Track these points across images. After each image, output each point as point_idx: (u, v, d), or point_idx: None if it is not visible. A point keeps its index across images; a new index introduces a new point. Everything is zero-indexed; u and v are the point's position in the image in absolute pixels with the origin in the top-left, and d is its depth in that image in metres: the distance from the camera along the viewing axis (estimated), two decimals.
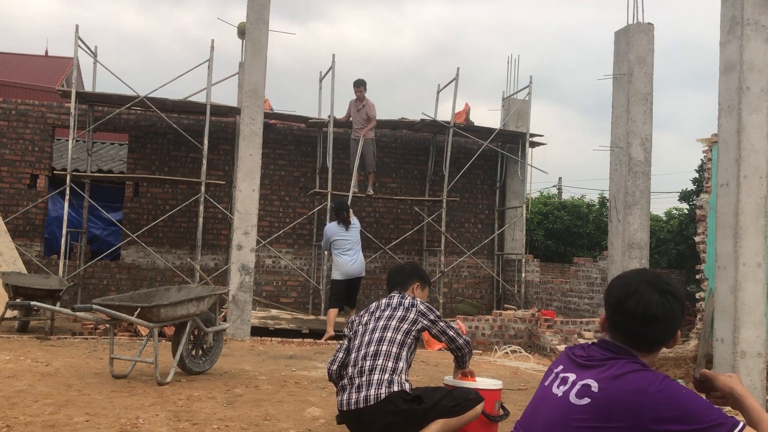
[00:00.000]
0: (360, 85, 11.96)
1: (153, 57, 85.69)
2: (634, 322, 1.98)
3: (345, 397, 3.61)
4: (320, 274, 12.43)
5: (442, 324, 3.92)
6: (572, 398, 1.92)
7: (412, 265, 4.37)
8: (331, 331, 9.26)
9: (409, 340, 3.77)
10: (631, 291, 1.99)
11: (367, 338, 3.74)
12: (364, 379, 3.57)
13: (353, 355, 3.72)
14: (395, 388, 3.51)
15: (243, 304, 9.00)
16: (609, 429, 1.82)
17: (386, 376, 3.56)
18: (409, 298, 3.94)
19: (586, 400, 1.88)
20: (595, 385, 1.89)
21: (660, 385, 1.83)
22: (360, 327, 3.86)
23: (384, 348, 3.67)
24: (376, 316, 3.86)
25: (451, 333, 3.94)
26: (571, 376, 1.98)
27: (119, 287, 11.88)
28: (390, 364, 3.60)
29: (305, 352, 8.11)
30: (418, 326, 3.83)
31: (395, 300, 3.93)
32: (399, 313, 3.82)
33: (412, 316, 3.83)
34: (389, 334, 3.73)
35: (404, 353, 3.71)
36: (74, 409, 4.52)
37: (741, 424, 1.79)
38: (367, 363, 3.62)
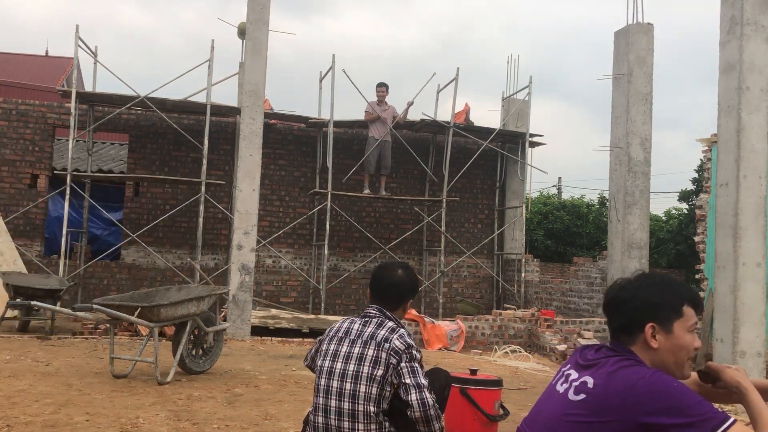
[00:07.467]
0: (383, 86, 12.38)
1: (153, 53, 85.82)
2: (608, 317, 2.11)
3: None
4: (320, 274, 12.44)
5: (406, 369, 2.84)
6: (570, 395, 1.98)
7: (408, 271, 3.18)
8: None
9: (387, 392, 2.85)
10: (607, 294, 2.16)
11: (335, 384, 2.87)
12: None
13: (321, 400, 2.90)
14: None
15: (243, 304, 9.02)
16: (600, 423, 1.87)
17: None
18: (385, 328, 2.93)
19: (581, 396, 1.95)
20: (591, 382, 1.95)
21: (650, 379, 1.86)
22: (325, 360, 2.97)
23: (361, 407, 2.81)
24: (345, 352, 2.92)
25: (415, 396, 2.82)
26: (573, 374, 2.05)
27: (119, 287, 11.89)
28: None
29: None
30: (394, 371, 2.86)
31: (369, 330, 2.94)
32: (371, 353, 2.86)
33: (384, 356, 2.85)
34: (363, 388, 2.82)
35: (382, 414, 2.85)
36: (74, 409, 4.53)
37: (731, 420, 1.79)
38: (337, 423, 2.84)
